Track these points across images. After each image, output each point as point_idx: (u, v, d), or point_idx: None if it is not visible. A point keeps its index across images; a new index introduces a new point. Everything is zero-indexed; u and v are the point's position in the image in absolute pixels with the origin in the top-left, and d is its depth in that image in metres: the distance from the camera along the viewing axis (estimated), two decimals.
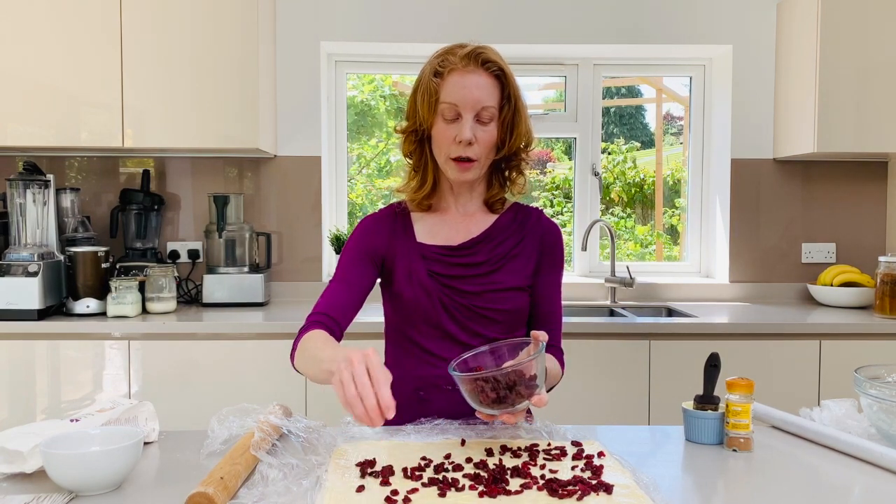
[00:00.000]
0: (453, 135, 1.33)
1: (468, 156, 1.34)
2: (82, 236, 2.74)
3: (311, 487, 1.01)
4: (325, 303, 1.37)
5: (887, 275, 2.64)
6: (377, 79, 3.57)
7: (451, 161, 1.36)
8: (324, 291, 1.40)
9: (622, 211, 3.90)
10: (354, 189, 3.48)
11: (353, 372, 1.00)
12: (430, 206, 1.45)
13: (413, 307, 1.39)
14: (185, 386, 2.40)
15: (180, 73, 2.60)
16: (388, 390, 0.99)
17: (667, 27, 3.00)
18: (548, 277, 1.45)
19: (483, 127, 1.34)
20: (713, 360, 1.29)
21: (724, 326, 2.51)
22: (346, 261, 1.42)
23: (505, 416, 1.14)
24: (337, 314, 1.35)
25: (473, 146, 1.34)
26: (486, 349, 1.25)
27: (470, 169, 1.36)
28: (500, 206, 1.46)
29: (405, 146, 1.44)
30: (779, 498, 1.03)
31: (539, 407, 1.13)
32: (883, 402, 1.19)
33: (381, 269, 1.44)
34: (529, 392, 1.13)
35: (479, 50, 1.34)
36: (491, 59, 1.34)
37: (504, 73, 1.35)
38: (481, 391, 1.13)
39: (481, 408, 1.15)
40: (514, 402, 1.13)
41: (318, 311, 1.35)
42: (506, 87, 1.36)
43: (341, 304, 1.36)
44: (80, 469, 1.00)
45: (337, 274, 1.42)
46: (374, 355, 1.03)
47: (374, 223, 1.45)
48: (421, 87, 1.37)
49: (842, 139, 2.71)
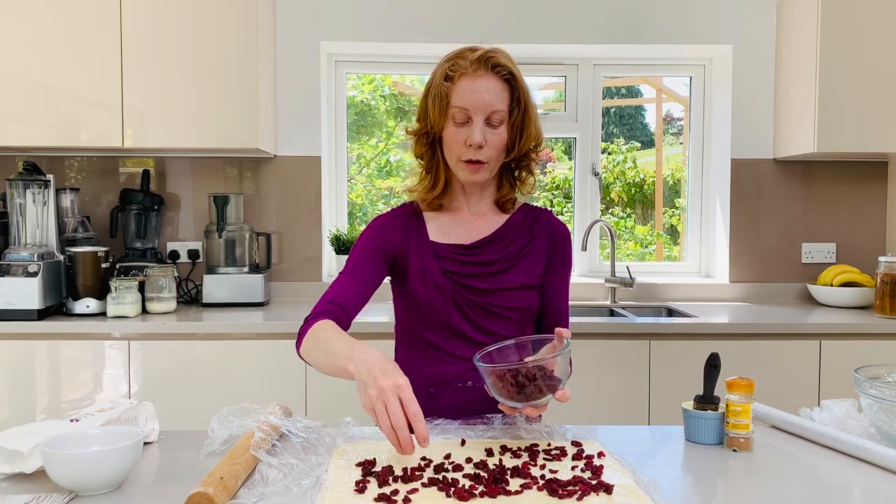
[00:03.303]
0: (464, 138, 1.35)
1: (478, 158, 1.36)
2: (82, 236, 2.74)
3: (311, 487, 1.01)
4: (334, 292, 1.38)
5: (887, 275, 2.64)
6: (377, 79, 3.57)
7: (461, 163, 1.38)
8: (333, 282, 1.41)
9: (622, 211, 3.90)
10: (354, 189, 3.48)
11: (387, 402, 1.05)
12: (442, 205, 1.47)
13: (426, 305, 1.40)
14: (185, 386, 2.40)
15: (180, 73, 2.60)
16: (424, 424, 1.05)
17: (667, 27, 3.00)
18: (557, 276, 1.47)
19: (493, 130, 1.36)
20: (713, 360, 1.29)
21: (724, 326, 2.51)
22: (358, 255, 1.43)
23: (528, 409, 1.16)
24: (346, 304, 1.36)
25: (484, 149, 1.36)
26: (511, 343, 1.28)
27: (480, 171, 1.38)
28: (510, 206, 1.49)
29: (416, 147, 1.45)
30: (779, 498, 1.03)
31: (562, 402, 1.15)
32: (883, 402, 1.19)
33: (393, 268, 1.45)
34: (553, 387, 1.14)
35: (489, 54, 1.36)
36: (501, 63, 1.36)
37: (514, 77, 1.37)
38: (504, 384, 1.14)
39: (504, 400, 1.16)
40: (537, 396, 1.14)
41: (326, 300, 1.36)
42: (516, 90, 1.37)
43: (350, 295, 1.38)
44: (80, 469, 1.00)
45: (347, 266, 1.42)
46: (406, 388, 1.07)
47: (388, 221, 1.47)
48: (432, 91, 1.39)
49: (842, 139, 2.71)
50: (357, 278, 1.40)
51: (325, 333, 1.25)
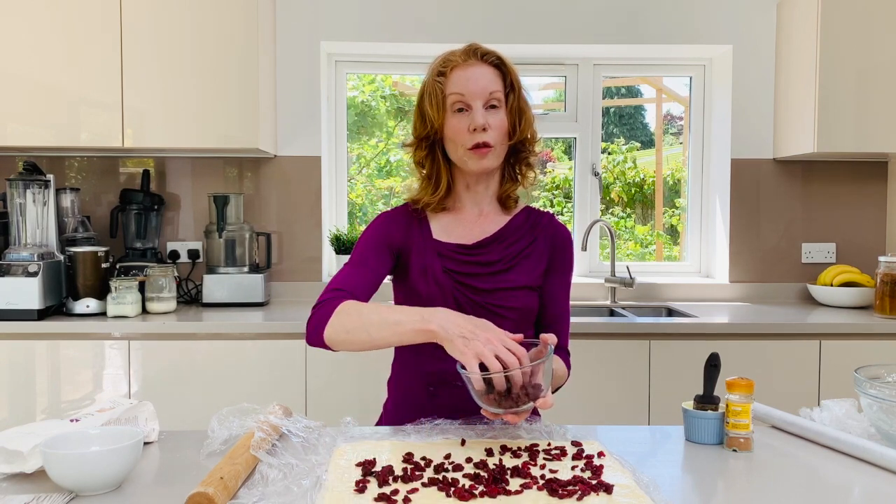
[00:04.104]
0: (466, 125, 1.37)
1: (485, 140, 1.37)
2: (82, 236, 2.74)
3: (311, 487, 1.01)
4: (340, 282, 1.35)
5: (887, 275, 2.64)
6: (377, 79, 3.57)
7: (468, 151, 1.38)
8: (337, 273, 1.39)
9: (622, 211, 3.91)
10: (354, 189, 3.48)
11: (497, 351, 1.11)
12: (445, 207, 1.48)
13: (427, 302, 1.40)
14: (185, 386, 2.40)
15: (180, 73, 2.60)
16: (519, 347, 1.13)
17: (667, 27, 3.00)
18: (557, 279, 1.48)
19: (493, 112, 1.38)
20: (713, 360, 1.29)
21: (724, 326, 2.51)
22: (363, 247, 1.42)
23: (509, 416, 1.15)
24: (354, 291, 1.34)
25: (488, 131, 1.37)
26: None
27: (488, 155, 1.38)
28: (512, 205, 1.49)
29: (416, 155, 1.46)
30: (779, 498, 1.03)
31: (544, 409, 1.14)
32: (883, 402, 1.19)
33: (397, 263, 1.45)
34: (534, 394, 1.14)
35: (474, 45, 1.42)
36: (488, 51, 1.42)
37: (503, 63, 1.41)
38: (486, 391, 1.14)
39: (486, 406, 1.16)
40: (518, 403, 1.13)
41: (334, 288, 1.34)
42: (507, 75, 1.41)
43: (358, 284, 1.36)
44: (80, 469, 1.00)
45: (353, 259, 1.41)
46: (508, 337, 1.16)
47: (393, 217, 1.47)
48: (426, 92, 1.41)
49: (842, 139, 2.71)
50: (363, 269, 1.38)
51: (364, 309, 1.24)
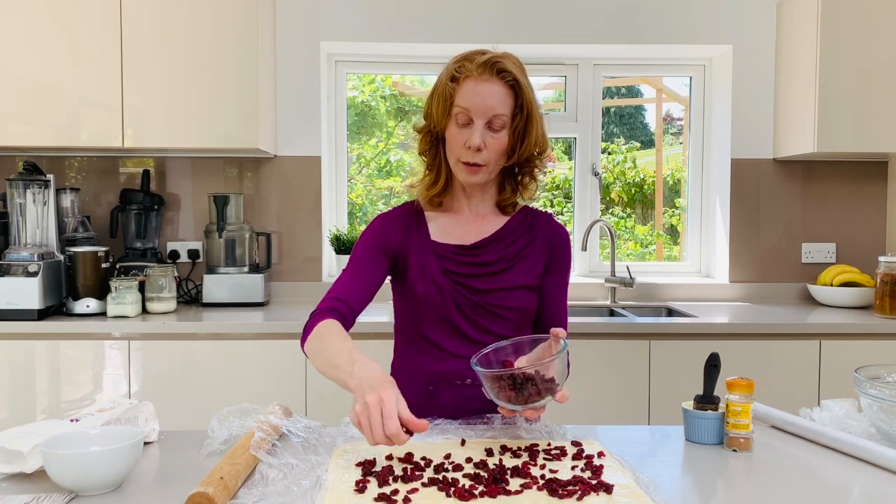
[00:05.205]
0: (464, 139, 1.36)
1: (476, 161, 1.37)
2: (82, 236, 2.74)
3: (311, 487, 1.01)
4: (338, 289, 1.39)
5: (887, 275, 2.64)
6: (377, 79, 3.57)
7: (460, 164, 1.39)
8: (336, 279, 1.42)
9: (622, 211, 3.91)
10: (354, 189, 3.48)
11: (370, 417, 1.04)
12: (442, 203, 1.48)
13: (425, 303, 1.41)
14: (185, 386, 2.40)
15: (180, 73, 2.60)
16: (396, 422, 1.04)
17: (667, 27, 3.00)
18: (555, 279, 1.48)
19: (494, 134, 1.37)
20: (713, 360, 1.29)
21: (724, 326, 2.51)
22: (360, 252, 1.44)
23: (527, 412, 1.16)
24: (350, 301, 1.37)
25: (482, 152, 1.36)
26: (507, 343, 1.27)
27: (478, 173, 1.39)
28: (511, 210, 1.49)
29: (420, 144, 1.47)
30: (779, 498, 1.03)
31: (561, 403, 1.15)
32: (883, 402, 1.19)
33: (394, 265, 1.46)
34: (550, 389, 1.14)
35: (495, 59, 1.36)
36: (507, 68, 1.36)
37: (519, 84, 1.37)
38: (501, 388, 1.15)
39: (502, 403, 1.16)
40: (535, 398, 1.14)
41: (331, 297, 1.37)
42: (519, 96, 1.38)
43: (354, 292, 1.39)
44: (80, 469, 1.00)
45: (350, 264, 1.43)
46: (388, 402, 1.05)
47: (390, 219, 1.48)
48: (437, 91, 1.41)
49: (842, 139, 2.71)
50: (360, 275, 1.41)
51: (329, 338, 1.25)
